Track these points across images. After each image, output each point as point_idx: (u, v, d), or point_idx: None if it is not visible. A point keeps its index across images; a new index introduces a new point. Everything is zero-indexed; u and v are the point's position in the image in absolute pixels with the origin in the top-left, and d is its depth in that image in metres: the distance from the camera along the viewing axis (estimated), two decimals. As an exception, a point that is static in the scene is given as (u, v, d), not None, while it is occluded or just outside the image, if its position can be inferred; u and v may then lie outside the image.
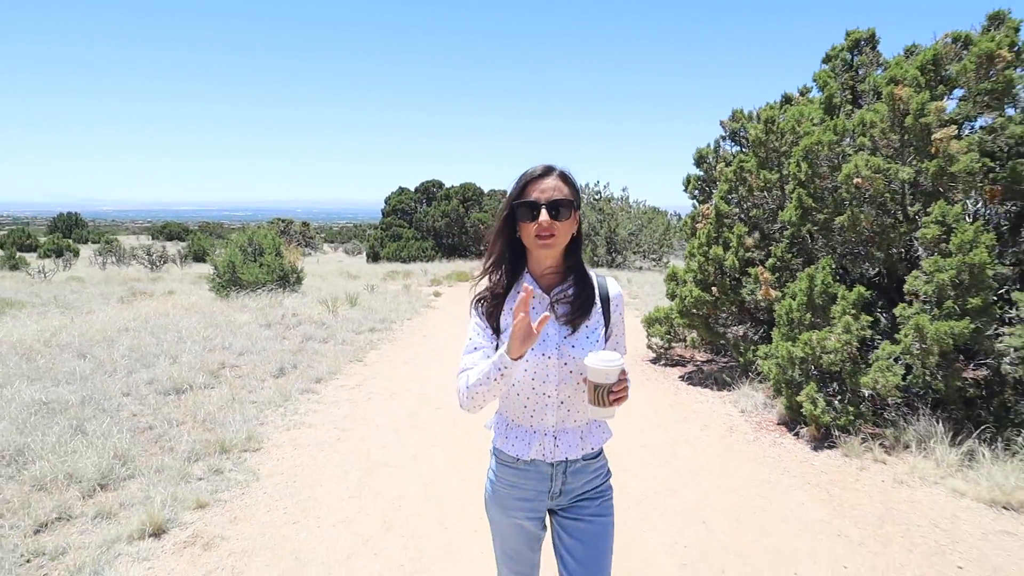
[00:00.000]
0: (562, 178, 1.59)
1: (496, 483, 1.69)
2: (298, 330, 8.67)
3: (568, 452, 1.62)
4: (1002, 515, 3.34)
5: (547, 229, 1.53)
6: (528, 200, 1.55)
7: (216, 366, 6.38)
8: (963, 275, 4.12)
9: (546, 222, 1.53)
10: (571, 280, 1.64)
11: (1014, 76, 4.99)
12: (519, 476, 1.65)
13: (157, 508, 3.15)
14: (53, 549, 2.86)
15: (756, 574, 2.83)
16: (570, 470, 1.64)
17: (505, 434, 1.66)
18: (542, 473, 1.63)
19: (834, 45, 6.34)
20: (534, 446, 1.61)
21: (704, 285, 6.18)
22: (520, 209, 1.57)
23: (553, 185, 1.56)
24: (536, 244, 1.56)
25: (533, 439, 1.61)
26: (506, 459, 1.66)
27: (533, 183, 1.57)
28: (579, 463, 1.64)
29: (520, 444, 1.62)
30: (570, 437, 1.62)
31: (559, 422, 1.61)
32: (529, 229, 1.55)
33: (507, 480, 1.67)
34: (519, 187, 1.59)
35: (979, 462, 3.85)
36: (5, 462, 3.73)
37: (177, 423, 4.64)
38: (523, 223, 1.57)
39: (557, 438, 1.61)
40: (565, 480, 1.64)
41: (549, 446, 1.61)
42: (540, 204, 1.53)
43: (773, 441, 4.63)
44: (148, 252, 22.88)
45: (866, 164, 4.75)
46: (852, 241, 5.19)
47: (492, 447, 1.73)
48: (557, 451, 1.61)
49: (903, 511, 3.44)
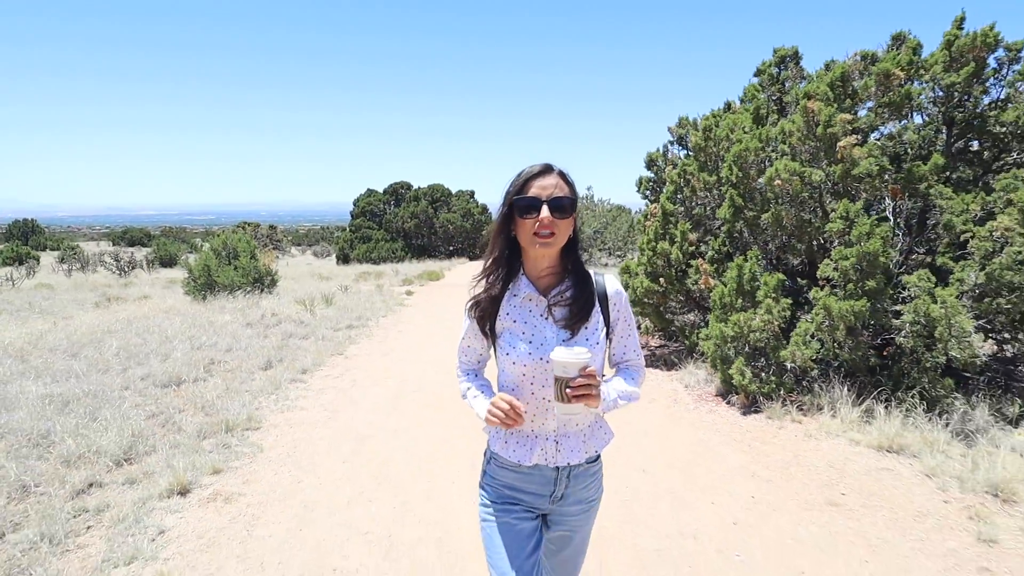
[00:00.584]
0: (562, 177, 1.58)
1: (491, 485, 1.68)
2: (278, 328, 9.14)
3: (571, 456, 1.61)
4: (885, 457, 4.08)
5: (548, 226, 1.51)
6: (528, 196, 1.53)
7: (206, 362, 6.85)
8: (862, 262, 4.88)
9: (547, 219, 1.51)
10: (569, 281, 1.63)
11: (912, 90, 5.82)
12: (519, 480, 1.64)
13: (180, 472, 3.69)
14: (95, 507, 3.38)
15: (683, 506, 3.50)
16: (573, 474, 1.63)
17: (504, 439, 1.64)
18: (545, 477, 1.62)
19: (764, 60, 7.11)
20: (536, 451, 1.59)
21: (653, 276, 6.89)
22: (520, 206, 1.54)
23: (554, 183, 1.54)
24: (534, 243, 1.54)
25: (535, 444, 1.60)
26: (506, 464, 1.65)
27: (533, 180, 1.55)
28: (581, 467, 1.64)
29: (521, 450, 1.61)
30: (572, 441, 1.61)
31: (560, 426, 1.61)
32: (527, 227, 1.53)
33: (505, 482, 1.66)
34: (519, 184, 1.56)
35: (875, 418, 4.60)
36: (33, 443, 4.20)
37: (179, 410, 5.14)
38: (522, 220, 1.55)
39: (559, 443, 1.60)
40: (568, 484, 1.64)
41: (551, 451, 1.60)
42: (542, 201, 1.52)
43: (709, 409, 5.35)
44: (116, 258, 22.84)
45: (785, 168, 5.49)
46: (779, 235, 5.94)
47: (488, 450, 1.72)
48: (559, 456, 1.60)
49: (807, 457, 4.16)
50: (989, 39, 5.65)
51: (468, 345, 1.72)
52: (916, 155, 5.71)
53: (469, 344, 1.72)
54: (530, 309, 1.61)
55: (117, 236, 70.51)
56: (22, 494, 3.52)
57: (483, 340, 1.69)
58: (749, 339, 5.28)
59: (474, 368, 1.77)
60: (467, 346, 1.73)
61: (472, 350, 1.73)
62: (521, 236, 1.57)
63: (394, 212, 32.70)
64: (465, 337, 1.72)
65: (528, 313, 1.61)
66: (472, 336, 1.69)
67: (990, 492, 3.46)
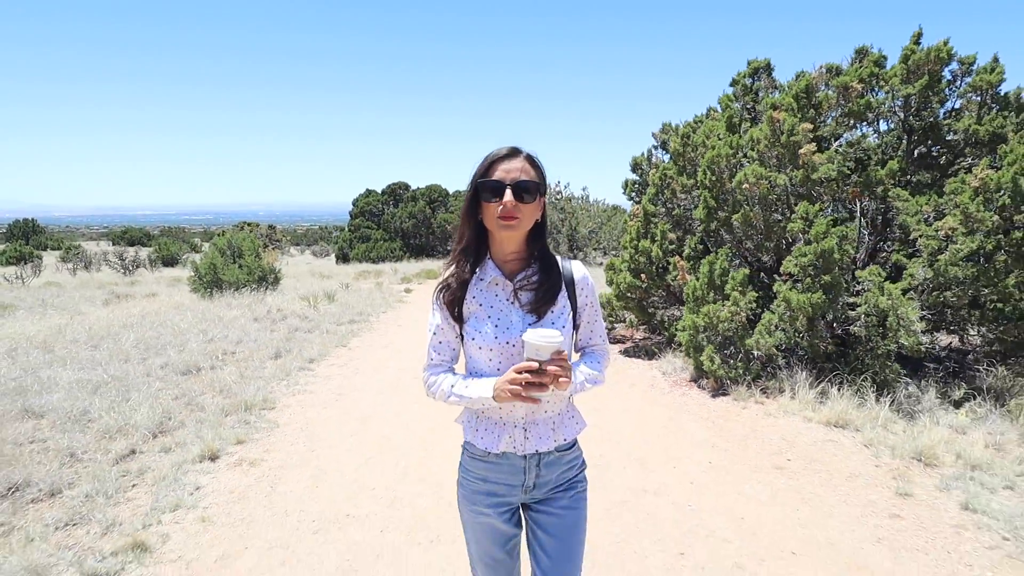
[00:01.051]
0: (529, 160, 1.56)
1: (466, 479, 1.68)
2: (284, 323, 9.64)
3: (539, 444, 1.59)
4: (832, 431, 4.60)
5: (511, 212, 1.50)
6: (492, 180, 1.51)
7: (220, 352, 7.35)
8: (819, 259, 5.40)
9: (510, 203, 1.49)
10: (535, 266, 1.62)
11: (873, 100, 6.35)
12: (490, 470, 1.63)
13: (209, 442, 4.20)
14: (137, 469, 3.89)
15: (648, 470, 4.01)
16: (543, 462, 1.62)
17: (475, 426, 1.64)
18: (514, 466, 1.62)
19: (739, 71, 7.63)
20: (504, 439, 1.59)
21: (636, 273, 7.40)
22: (483, 189, 1.53)
23: (519, 167, 1.52)
24: (499, 226, 1.53)
25: (503, 432, 1.59)
26: (476, 452, 1.65)
27: (498, 163, 1.53)
28: (552, 455, 1.63)
29: (489, 437, 1.60)
30: (540, 429, 1.60)
31: (528, 413, 1.60)
32: (492, 210, 1.52)
33: (477, 474, 1.65)
34: (484, 166, 1.55)
35: (829, 399, 5.12)
36: (73, 420, 4.70)
37: (200, 393, 5.64)
38: (486, 204, 1.54)
39: (527, 430, 1.59)
40: (539, 473, 1.62)
41: (519, 438, 1.59)
42: (505, 184, 1.50)
43: (682, 393, 5.87)
44: (121, 257, 23.33)
45: (753, 172, 6.01)
46: (749, 234, 6.46)
47: (463, 442, 1.72)
48: (527, 444, 1.59)
49: (763, 431, 4.68)
50: (942, 54, 6.18)
51: (440, 341, 1.66)
52: (880, 160, 6.24)
53: (441, 340, 1.66)
54: (496, 293, 1.60)
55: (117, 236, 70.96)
56: (72, 460, 4.02)
57: (454, 332, 1.65)
58: (719, 329, 5.80)
59: (447, 366, 1.69)
60: (439, 341, 1.66)
61: (445, 345, 1.67)
62: (486, 219, 1.56)
63: (392, 212, 33.18)
64: (436, 332, 1.66)
65: (494, 297, 1.60)
66: (444, 328, 1.65)
67: (915, 458, 3.98)
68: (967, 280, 5.27)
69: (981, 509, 3.27)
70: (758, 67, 7.50)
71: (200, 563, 2.85)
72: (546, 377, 1.41)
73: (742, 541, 3.08)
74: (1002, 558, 2.85)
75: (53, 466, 3.87)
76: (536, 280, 1.60)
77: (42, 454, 4.05)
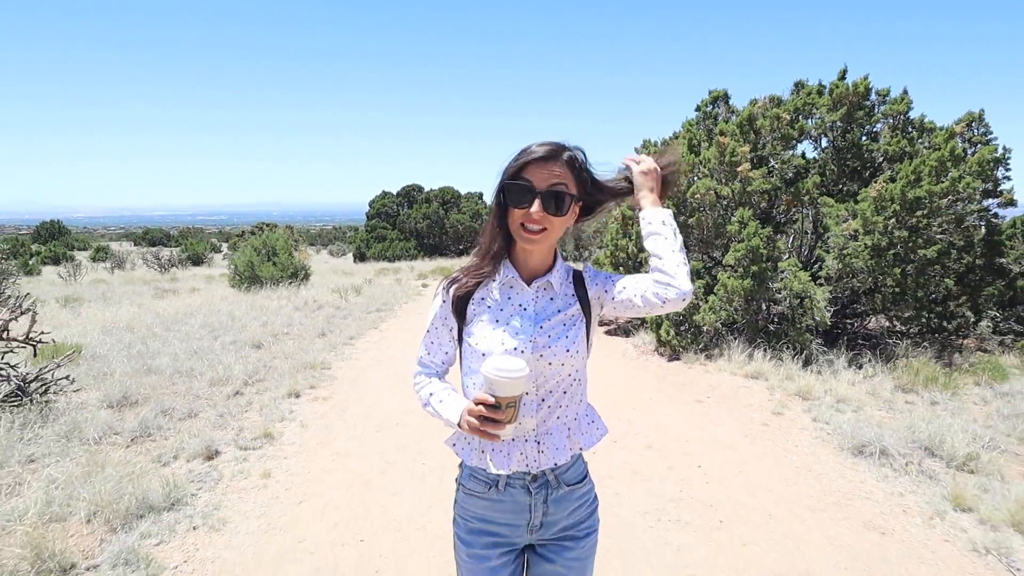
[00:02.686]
0: (570, 164, 1.36)
1: (463, 518, 1.50)
2: (321, 311, 11.30)
3: (556, 456, 1.42)
4: (748, 380, 6.17)
5: (538, 222, 1.33)
6: (521, 183, 1.33)
7: (275, 332, 9.01)
8: (748, 254, 6.96)
9: (539, 214, 1.32)
10: (556, 272, 1.47)
11: (805, 126, 7.90)
12: (491, 509, 1.45)
13: (291, 386, 5.84)
14: (245, 403, 5.53)
15: (604, 405, 5.59)
16: (551, 498, 1.45)
17: (478, 446, 1.44)
18: (518, 503, 1.44)
19: (703, 99, 9.18)
20: (514, 456, 1.40)
21: (615, 266, 8.99)
22: (510, 191, 1.35)
23: (557, 172, 1.34)
24: (520, 237, 1.36)
25: (512, 448, 1.41)
26: (475, 489, 1.47)
27: (533, 165, 1.34)
28: (561, 489, 1.46)
29: (498, 455, 1.41)
30: (555, 438, 1.43)
31: (541, 422, 1.43)
32: (516, 217, 1.35)
33: (476, 514, 1.47)
34: (515, 166, 1.35)
35: (755, 360, 6.67)
36: (185, 373, 6.35)
37: (271, 358, 7.29)
38: (512, 208, 1.36)
39: (541, 442, 1.42)
40: (546, 511, 1.45)
41: (532, 453, 1.41)
42: (535, 192, 1.32)
43: (646, 359, 7.46)
44: (157, 257, 25.21)
45: (703, 185, 7.57)
46: (703, 234, 8.01)
47: (458, 476, 1.54)
48: (543, 457, 1.41)
49: (698, 382, 6.26)
50: (860, 88, 7.73)
51: (432, 340, 1.53)
52: (819, 173, 7.77)
53: (434, 339, 1.53)
54: (509, 296, 1.45)
55: (138, 236, 73.37)
56: (196, 398, 5.67)
57: (451, 334, 1.51)
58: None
59: (437, 370, 1.56)
60: (431, 341, 1.53)
61: (436, 346, 1.54)
62: (510, 223, 1.39)
63: (407, 213, 34.88)
64: (431, 329, 1.52)
65: (506, 299, 1.45)
66: (440, 328, 1.51)
67: (798, 394, 5.55)
68: (866, 270, 6.82)
69: (824, 420, 4.84)
70: (717, 96, 9.05)
71: (307, 445, 4.48)
72: (500, 414, 1.25)
73: (655, 436, 4.67)
74: (817, 441, 4.42)
75: (186, 400, 5.52)
76: (556, 284, 1.47)
77: (173, 395, 5.70)
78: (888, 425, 4.65)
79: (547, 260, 1.47)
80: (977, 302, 7.96)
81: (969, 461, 3.87)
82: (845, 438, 4.33)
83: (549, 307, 1.46)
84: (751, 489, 3.71)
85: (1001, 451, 4.13)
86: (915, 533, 3.12)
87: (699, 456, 4.25)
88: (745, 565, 2.88)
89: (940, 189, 6.62)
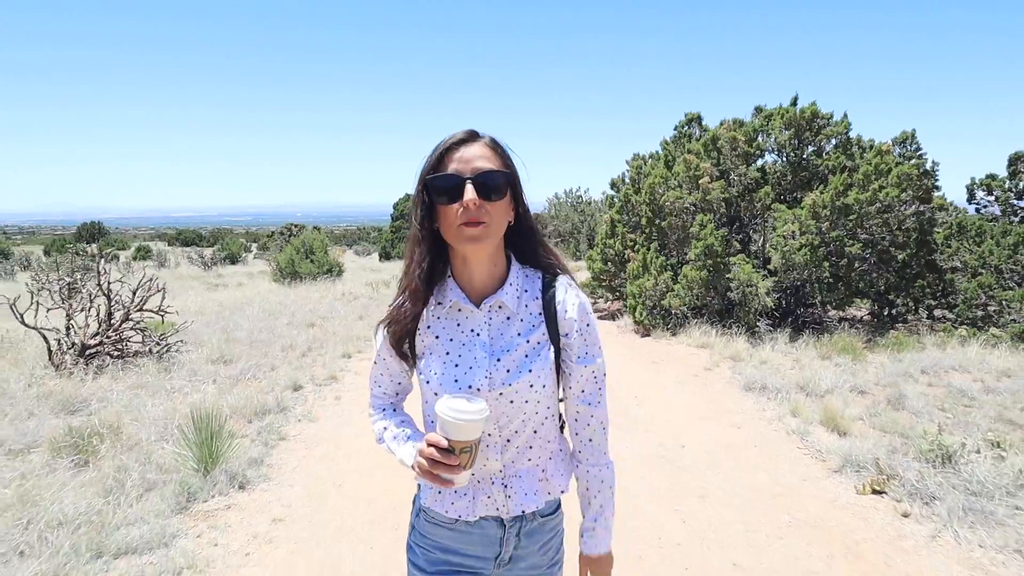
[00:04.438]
0: (491, 146, 1.19)
1: (420, 545, 1.33)
2: (357, 301, 13.15)
3: (525, 502, 1.26)
4: (697, 350, 7.86)
5: (475, 214, 1.13)
6: (446, 174, 1.14)
7: (322, 316, 10.85)
8: (705, 250, 8.62)
9: (473, 202, 1.12)
10: (511, 284, 1.26)
11: (761, 143, 9.56)
12: (457, 539, 1.30)
13: (343, 350, 7.65)
14: (310, 362, 7.35)
15: (584, 365, 7.32)
16: (524, 530, 1.30)
17: (439, 488, 1.28)
18: (488, 536, 1.29)
19: (680, 120, 10.85)
20: (480, 500, 1.26)
21: (604, 262, 10.70)
22: (435, 188, 1.15)
23: (480, 152, 1.16)
24: (462, 237, 1.15)
25: (478, 492, 1.26)
26: (440, 519, 1.30)
27: (452, 152, 1.17)
28: (536, 520, 1.31)
29: (462, 501, 1.26)
30: (525, 482, 1.27)
31: (508, 463, 1.26)
32: (450, 216, 1.15)
33: (438, 542, 1.31)
34: (433, 158, 1.18)
35: (707, 336, 8.33)
36: (260, 343, 8.19)
37: (323, 334, 9.11)
38: (442, 208, 1.16)
39: (508, 486, 1.26)
40: (518, 543, 1.31)
41: (500, 498, 1.26)
42: (463, 179, 1.13)
43: (625, 336, 9.16)
44: (201, 256, 27.45)
45: (672, 195, 9.26)
46: (674, 235, 9.68)
47: (418, 503, 1.36)
48: (511, 503, 1.26)
49: (659, 351, 7.96)
50: (806, 113, 9.36)
51: (381, 373, 1.35)
52: (775, 183, 9.41)
53: (383, 371, 1.35)
54: (458, 322, 1.25)
55: (172, 237, 76.58)
56: (272, 358, 7.49)
57: (401, 363, 1.31)
58: (647, 294, 9.07)
59: (391, 402, 1.41)
60: (380, 374, 1.36)
61: (387, 378, 1.36)
62: (444, 229, 1.18)
63: (429, 215, 36.77)
64: (377, 362, 1.34)
65: (455, 328, 1.25)
66: (387, 359, 1.32)
67: (730, 357, 7.22)
68: (802, 265, 8.45)
69: (740, 374, 6.50)
70: (692, 118, 10.72)
71: (360, 383, 6.28)
72: (454, 459, 1.09)
73: (615, 380, 6.38)
74: (727, 384, 6.12)
75: (267, 359, 7.35)
76: (511, 304, 1.25)
77: (256, 356, 7.53)
78: (789, 376, 6.31)
79: (496, 272, 1.26)
80: (911, 293, 9.54)
81: (827, 394, 5.53)
82: (746, 381, 6.01)
83: (507, 331, 1.25)
84: (667, 409, 5.41)
85: (858, 391, 5.77)
86: (759, 427, 4.81)
87: (639, 393, 5.97)
88: (644, 442, 4.59)
89: (865, 198, 8.25)
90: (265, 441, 4.46)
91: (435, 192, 1.16)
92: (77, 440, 4.02)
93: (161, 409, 4.92)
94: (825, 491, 3.63)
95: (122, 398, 5.27)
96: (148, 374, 6.07)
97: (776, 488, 3.70)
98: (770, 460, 4.15)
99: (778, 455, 4.23)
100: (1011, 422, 4.82)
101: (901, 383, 5.77)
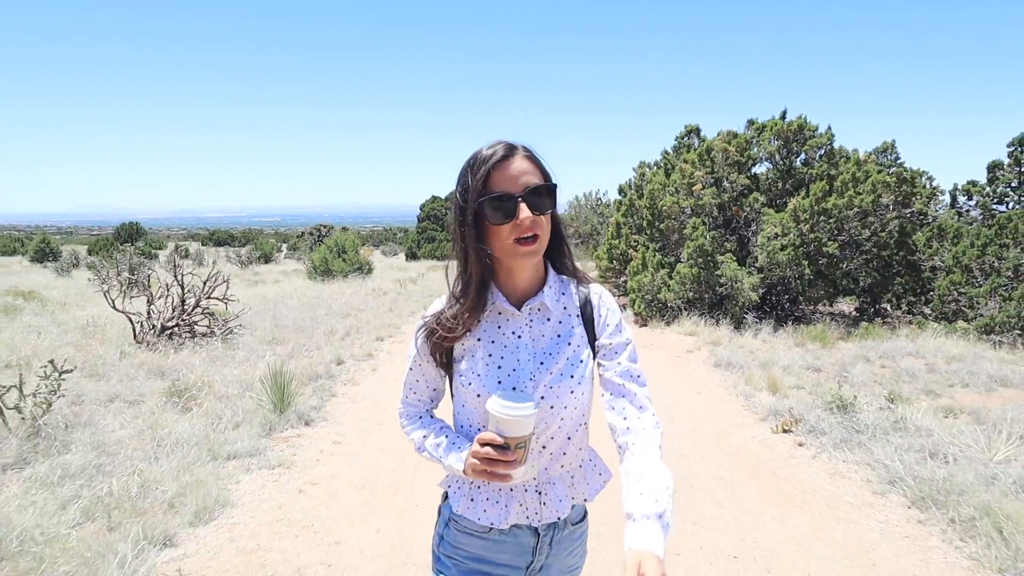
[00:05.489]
0: (530, 158, 1.21)
1: (449, 556, 1.33)
2: (387, 296, 14.41)
3: (559, 509, 1.28)
4: (684, 337, 8.91)
5: (531, 229, 1.16)
6: (498, 194, 1.15)
7: (356, 308, 12.10)
8: (697, 250, 9.66)
9: (529, 219, 1.15)
10: (550, 288, 1.29)
11: (752, 153, 10.57)
12: (489, 549, 1.30)
13: (376, 334, 8.86)
14: (349, 343, 8.57)
15: (584, 349, 8.42)
16: (556, 538, 1.31)
17: (470, 495, 1.29)
18: (522, 545, 1.30)
19: (680, 131, 11.89)
20: (513, 508, 1.26)
21: (610, 260, 11.78)
22: (488, 208, 1.16)
23: (524, 168, 1.18)
24: (516, 254, 1.18)
25: (511, 499, 1.26)
26: (471, 527, 1.30)
27: (497, 170, 1.17)
28: (566, 529, 1.33)
29: (494, 508, 1.26)
30: (558, 488, 1.29)
31: (543, 470, 1.28)
32: (504, 234, 1.17)
33: (470, 552, 1.31)
34: (480, 178, 1.17)
35: (697, 326, 9.36)
36: (304, 329, 9.44)
37: (358, 323, 10.34)
38: (494, 227, 1.18)
39: (543, 492, 1.27)
40: (549, 552, 1.32)
41: (533, 505, 1.27)
42: (517, 197, 1.15)
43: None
44: (239, 255, 29.10)
45: (671, 200, 10.31)
46: (671, 236, 10.73)
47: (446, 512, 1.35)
48: (545, 510, 1.27)
49: (653, 339, 9.02)
50: (793, 126, 10.36)
51: (417, 379, 1.36)
52: (766, 189, 10.42)
53: (419, 377, 1.36)
54: (499, 325, 1.28)
55: (205, 237, 79.31)
56: (314, 341, 8.72)
57: (438, 369, 1.33)
58: (646, 289, 10.14)
59: (426, 409, 1.42)
60: (416, 380, 1.37)
61: (423, 384, 1.37)
62: (496, 246, 1.20)
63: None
64: (413, 368, 1.35)
65: (497, 330, 1.27)
66: (423, 364, 1.33)
67: (711, 343, 8.26)
68: (784, 264, 9.45)
69: (718, 356, 7.54)
70: (691, 129, 11.75)
71: (394, 358, 7.46)
72: (510, 455, 1.13)
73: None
74: (703, 363, 7.17)
75: (312, 341, 8.58)
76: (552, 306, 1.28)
77: (302, 339, 8.76)
78: (758, 357, 7.34)
79: (536, 276, 1.27)
80: (892, 290, 10.46)
81: (785, 371, 6.56)
82: (717, 360, 7.07)
83: (547, 333, 1.26)
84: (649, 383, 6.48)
85: (814, 370, 6.78)
86: (717, 393, 5.88)
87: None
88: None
89: (843, 203, 9.22)
90: (320, 396, 5.67)
91: (489, 214, 1.16)
92: (180, 391, 5.27)
93: (235, 373, 6.16)
94: (750, 432, 4.70)
95: (202, 366, 6.52)
96: (216, 351, 7.34)
97: (714, 432, 4.77)
98: (717, 414, 5.22)
99: (724, 411, 5.30)
100: (931, 392, 5.83)
101: (851, 364, 6.77)
